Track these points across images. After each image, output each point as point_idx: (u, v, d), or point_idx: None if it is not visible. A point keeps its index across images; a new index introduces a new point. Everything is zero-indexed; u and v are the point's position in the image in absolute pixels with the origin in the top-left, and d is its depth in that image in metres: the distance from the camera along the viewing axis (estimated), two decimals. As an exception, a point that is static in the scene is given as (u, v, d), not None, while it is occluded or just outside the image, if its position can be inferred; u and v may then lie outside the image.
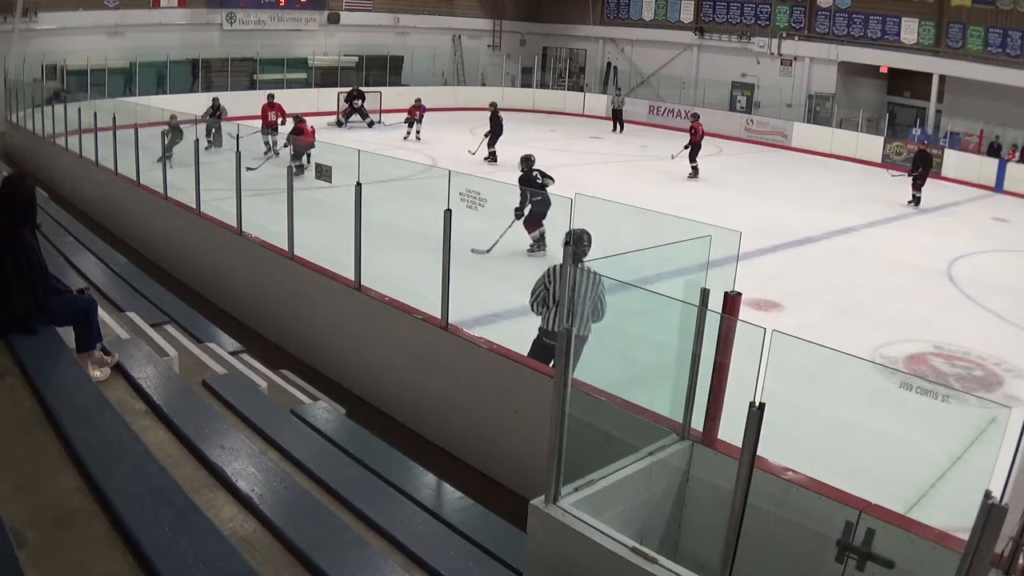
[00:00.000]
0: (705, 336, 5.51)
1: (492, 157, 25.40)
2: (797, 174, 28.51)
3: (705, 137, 26.24)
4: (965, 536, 3.66)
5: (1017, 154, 30.98)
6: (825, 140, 33.90)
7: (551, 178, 15.37)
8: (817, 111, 35.86)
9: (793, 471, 5.61)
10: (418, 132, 30.20)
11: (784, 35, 36.86)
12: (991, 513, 3.49)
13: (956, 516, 4.11)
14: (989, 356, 12.16)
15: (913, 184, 23.97)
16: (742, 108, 37.79)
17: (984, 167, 30.66)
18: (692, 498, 5.81)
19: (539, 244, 14.96)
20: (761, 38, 37.25)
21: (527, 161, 15.59)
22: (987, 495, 3.52)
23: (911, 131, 33.30)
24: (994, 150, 31.43)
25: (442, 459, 8.82)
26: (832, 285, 15.06)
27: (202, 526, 4.17)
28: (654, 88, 40.55)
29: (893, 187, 25.32)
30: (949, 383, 10.96)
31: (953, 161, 31.17)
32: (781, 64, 36.99)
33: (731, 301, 5.60)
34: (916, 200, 23.90)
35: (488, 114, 26.57)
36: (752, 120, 35.99)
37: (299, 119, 22.68)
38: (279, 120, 25.13)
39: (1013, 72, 31.22)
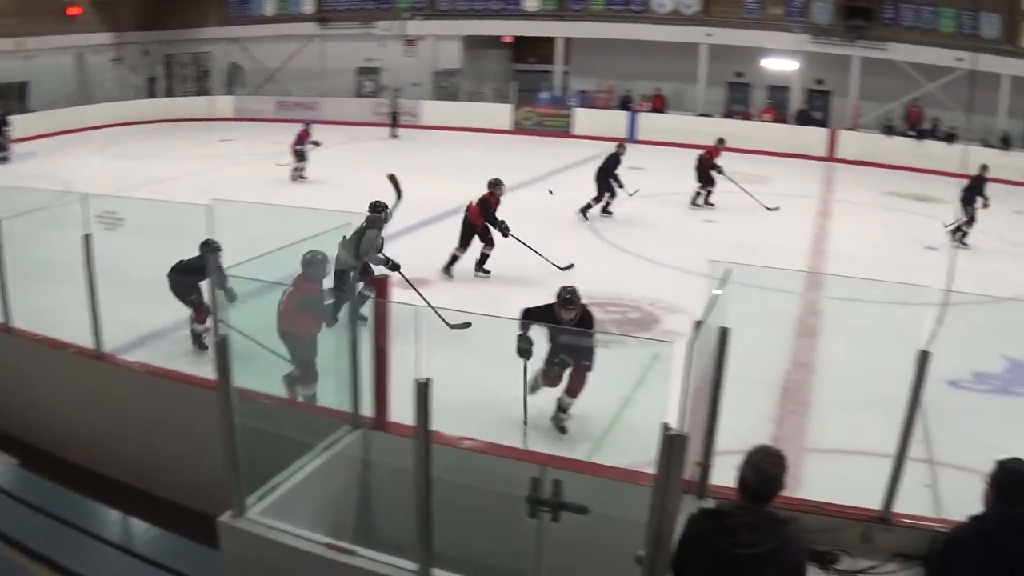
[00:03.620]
0: (361, 322, 5.51)
1: None
2: (430, 151, 28.94)
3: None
4: (653, 470, 3.79)
5: (647, 104, 33.27)
6: (455, 115, 34.74)
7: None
8: (444, 87, 36.58)
9: (470, 439, 5.71)
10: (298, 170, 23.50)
11: (407, 16, 37.28)
12: (673, 443, 3.63)
13: (644, 452, 4.28)
14: (641, 298, 12.86)
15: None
16: (370, 93, 37.92)
17: (614, 120, 32.68)
18: (376, 484, 5.86)
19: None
20: (384, 21, 37.48)
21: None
22: (665, 427, 3.65)
23: (539, 95, 34.70)
24: (625, 103, 33.51)
25: (126, 493, 8.32)
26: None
27: None
28: (281, 83, 39.94)
29: (526, 153, 26.42)
30: (606, 329, 11.48)
31: (584, 118, 33.06)
32: (406, 45, 37.40)
33: (380, 284, 5.63)
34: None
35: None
36: (381, 104, 36.15)
37: None
38: None
39: (636, 27, 33.70)
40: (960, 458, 8.07)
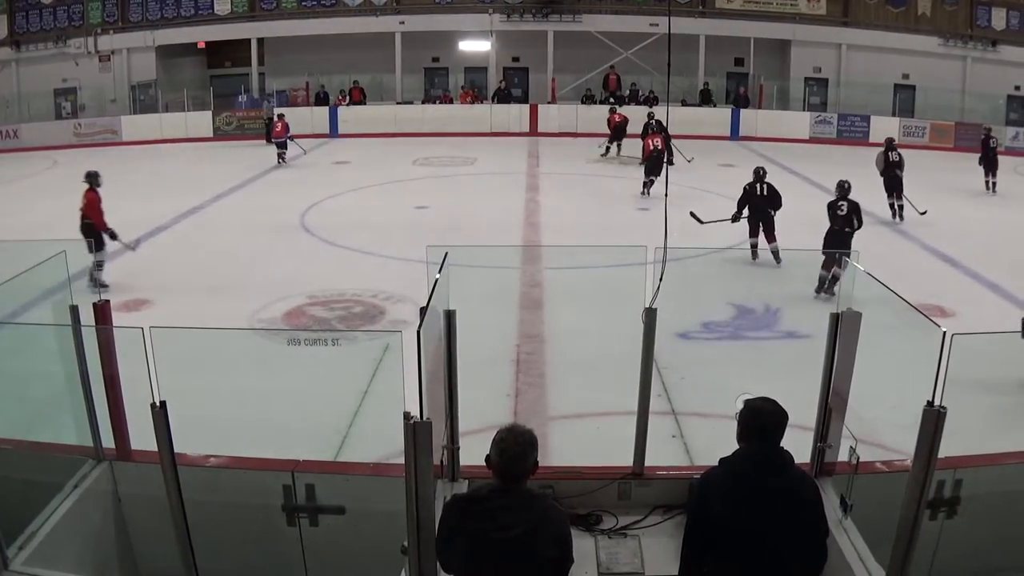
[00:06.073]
0: (88, 352, 5.31)
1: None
2: (134, 167, 27.42)
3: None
4: (401, 460, 3.80)
5: (346, 99, 33.17)
6: (154, 128, 33.23)
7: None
8: (142, 100, 35.16)
9: (215, 456, 5.59)
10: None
11: (99, 31, 35.49)
12: (416, 431, 3.65)
13: (390, 444, 4.29)
14: (364, 291, 12.83)
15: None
16: (68, 114, 35.81)
17: (316, 117, 32.37)
18: (131, 515, 5.63)
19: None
20: (77, 39, 35.49)
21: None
22: (407, 416, 3.67)
23: (237, 99, 33.93)
24: (321, 99, 33.44)
25: None
26: (197, 266, 14.91)
27: None
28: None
29: (227, 159, 25.87)
30: (333, 326, 11.43)
31: (285, 117, 32.48)
32: (100, 61, 35.63)
33: (101, 310, 5.41)
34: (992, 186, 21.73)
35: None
36: (80, 124, 34.24)
37: None
38: None
39: (329, 22, 33.71)
40: (700, 406, 8.51)
